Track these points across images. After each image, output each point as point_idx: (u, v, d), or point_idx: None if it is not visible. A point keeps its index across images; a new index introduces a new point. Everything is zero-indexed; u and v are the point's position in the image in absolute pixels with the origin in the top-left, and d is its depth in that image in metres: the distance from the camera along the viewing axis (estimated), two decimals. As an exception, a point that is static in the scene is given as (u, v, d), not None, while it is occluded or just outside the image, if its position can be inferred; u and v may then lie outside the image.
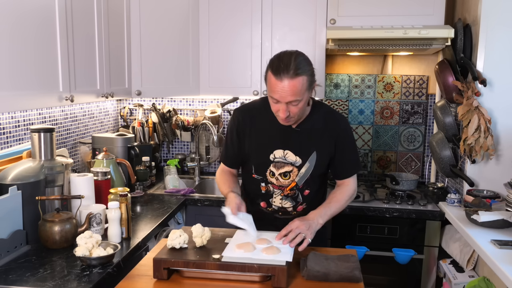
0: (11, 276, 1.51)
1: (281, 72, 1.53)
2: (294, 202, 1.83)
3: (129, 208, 1.90)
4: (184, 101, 3.28)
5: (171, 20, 2.77)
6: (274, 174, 1.79)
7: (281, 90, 1.55)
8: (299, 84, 1.54)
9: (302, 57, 1.60)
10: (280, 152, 1.76)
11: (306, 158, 1.76)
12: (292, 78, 1.53)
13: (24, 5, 1.68)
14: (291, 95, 1.55)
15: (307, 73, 1.57)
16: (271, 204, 1.85)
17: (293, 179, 1.78)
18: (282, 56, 1.59)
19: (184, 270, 1.46)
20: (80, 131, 2.73)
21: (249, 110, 1.84)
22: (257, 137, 1.79)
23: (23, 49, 1.69)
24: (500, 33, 2.29)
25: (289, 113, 1.61)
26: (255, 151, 1.80)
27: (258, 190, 1.85)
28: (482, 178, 2.39)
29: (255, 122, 1.80)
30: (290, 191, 1.80)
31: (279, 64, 1.55)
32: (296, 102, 1.58)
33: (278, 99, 1.58)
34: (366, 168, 3.14)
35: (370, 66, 3.11)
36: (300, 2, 2.71)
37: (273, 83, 1.56)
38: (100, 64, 2.28)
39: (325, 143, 1.77)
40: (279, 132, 1.76)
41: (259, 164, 1.81)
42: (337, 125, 1.79)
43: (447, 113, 2.54)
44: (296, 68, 1.53)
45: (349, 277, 1.44)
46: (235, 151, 1.86)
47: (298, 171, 1.77)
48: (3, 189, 1.71)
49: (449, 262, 2.31)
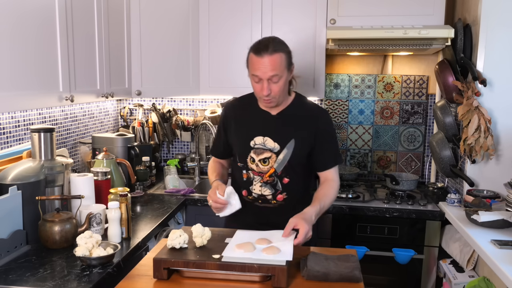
0: (11, 276, 1.51)
1: (261, 50, 1.71)
2: (273, 189, 1.88)
3: (129, 208, 1.90)
4: (184, 101, 3.28)
5: (171, 20, 2.77)
6: (254, 160, 1.87)
7: (262, 66, 1.71)
8: (278, 59, 1.71)
9: (279, 39, 1.79)
10: (260, 139, 1.86)
11: (284, 144, 1.83)
12: (272, 54, 1.70)
13: (24, 5, 1.69)
14: (271, 70, 1.70)
15: (285, 51, 1.75)
16: (251, 191, 1.90)
17: (271, 165, 1.85)
18: (261, 40, 1.80)
19: (184, 270, 1.46)
20: (80, 131, 2.73)
21: (235, 104, 2.00)
22: (240, 126, 1.92)
23: (23, 49, 1.69)
24: (500, 33, 2.29)
25: (270, 91, 1.74)
26: (238, 139, 1.92)
27: (240, 179, 1.93)
28: (482, 178, 2.39)
29: (239, 113, 1.94)
30: (269, 177, 1.86)
31: (259, 45, 1.74)
32: (276, 77, 1.72)
33: (260, 75, 1.72)
34: (366, 168, 3.14)
35: (370, 66, 3.11)
36: (300, 2, 2.71)
37: (254, 61, 1.73)
38: (100, 64, 2.28)
39: (304, 132, 1.85)
40: (261, 120, 1.88)
41: (241, 151, 1.90)
42: (318, 117, 1.88)
43: (447, 113, 2.54)
44: (274, 46, 1.72)
45: (349, 277, 1.44)
46: (221, 142, 2.01)
47: (277, 157, 1.84)
48: (3, 189, 1.71)
49: (449, 262, 2.31)
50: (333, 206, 2.48)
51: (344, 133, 3.14)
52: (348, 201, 2.57)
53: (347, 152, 3.16)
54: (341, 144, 3.15)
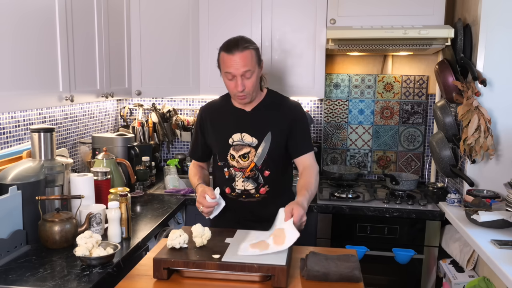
0: (11, 276, 1.51)
1: (231, 48, 1.78)
2: (256, 183, 1.92)
3: (129, 208, 1.90)
4: (184, 101, 3.28)
5: (171, 20, 2.77)
6: (234, 157, 1.92)
7: (234, 63, 1.77)
8: (249, 55, 1.79)
9: (246, 38, 1.86)
10: (237, 136, 1.91)
11: (262, 138, 1.89)
12: (242, 51, 1.77)
13: (26, 6, 1.69)
14: (244, 65, 1.77)
15: (254, 48, 1.83)
16: (234, 188, 1.95)
17: (251, 160, 1.90)
18: (230, 39, 1.85)
19: (184, 270, 1.46)
20: (80, 131, 2.73)
21: (209, 107, 2.04)
22: (217, 127, 1.97)
23: (24, 50, 1.69)
24: (500, 33, 2.29)
25: (245, 87, 1.80)
26: (216, 139, 1.96)
27: (222, 177, 1.97)
28: (482, 178, 2.39)
29: (215, 115, 1.99)
30: (250, 172, 1.91)
31: (229, 44, 1.81)
32: (249, 73, 1.79)
33: (232, 72, 1.78)
34: (366, 168, 3.14)
35: (370, 66, 3.11)
36: (300, 2, 2.71)
37: (226, 59, 1.79)
38: (100, 64, 2.28)
39: (279, 124, 1.91)
40: (236, 118, 1.94)
41: (220, 150, 1.95)
42: (291, 108, 1.95)
43: (447, 113, 2.54)
44: (243, 43, 1.79)
45: (349, 277, 1.44)
46: (199, 145, 2.04)
47: (256, 151, 1.90)
48: (3, 189, 1.71)
49: (449, 262, 2.31)
50: (333, 206, 2.49)
51: (344, 133, 3.14)
52: (348, 201, 2.58)
53: (347, 152, 3.16)
54: (341, 144, 3.15)
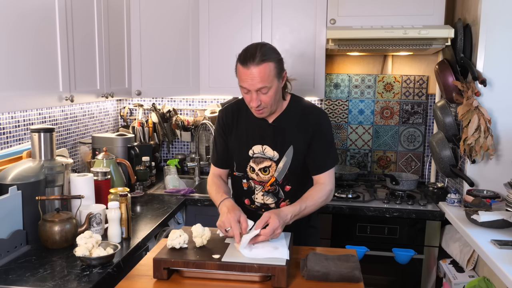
0: (11, 276, 1.51)
1: (247, 61, 1.60)
2: (276, 198, 1.84)
3: (129, 208, 1.90)
4: (184, 101, 3.28)
5: (171, 20, 2.77)
6: (254, 170, 1.82)
7: (249, 78, 1.61)
8: (266, 70, 1.60)
9: (268, 46, 1.67)
10: (258, 148, 1.80)
11: (283, 152, 1.78)
12: (258, 65, 1.59)
13: (24, 5, 1.68)
14: (259, 81, 1.61)
15: (274, 60, 1.63)
16: (253, 201, 1.87)
17: (272, 174, 1.80)
18: (248, 47, 1.67)
19: (184, 270, 1.46)
20: (80, 131, 2.73)
21: (231, 109, 1.88)
22: (238, 134, 1.84)
23: (23, 49, 1.69)
24: (500, 33, 2.29)
25: (260, 102, 1.66)
26: (236, 148, 1.85)
27: (240, 188, 1.88)
28: (482, 178, 2.39)
29: (236, 120, 1.85)
30: (271, 186, 1.82)
31: (246, 54, 1.63)
32: (265, 89, 1.63)
33: (247, 87, 1.64)
34: (366, 168, 3.14)
35: (370, 66, 3.11)
36: (300, 2, 2.71)
37: (241, 72, 1.64)
38: (100, 64, 2.28)
39: (301, 137, 1.77)
40: (258, 128, 1.80)
41: (240, 160, 1.84)
42: (313, 119, 1.79)
43: (447, 113, 2.54)
44: (261, 56, 1.60)
45: (349, 277, 1.44)
46: (225, 151, 1.89)
47: (276, 166, 1.79)
48: (3, 189, 1.71)
49: (449, 262, 2.31)
50: (333, 206, 2.49)
51: (344, 133, 3.14)
52: (348, 201, 2.58)
53: (347, 152, 3.16)
54: (341, 144, 3.15)
